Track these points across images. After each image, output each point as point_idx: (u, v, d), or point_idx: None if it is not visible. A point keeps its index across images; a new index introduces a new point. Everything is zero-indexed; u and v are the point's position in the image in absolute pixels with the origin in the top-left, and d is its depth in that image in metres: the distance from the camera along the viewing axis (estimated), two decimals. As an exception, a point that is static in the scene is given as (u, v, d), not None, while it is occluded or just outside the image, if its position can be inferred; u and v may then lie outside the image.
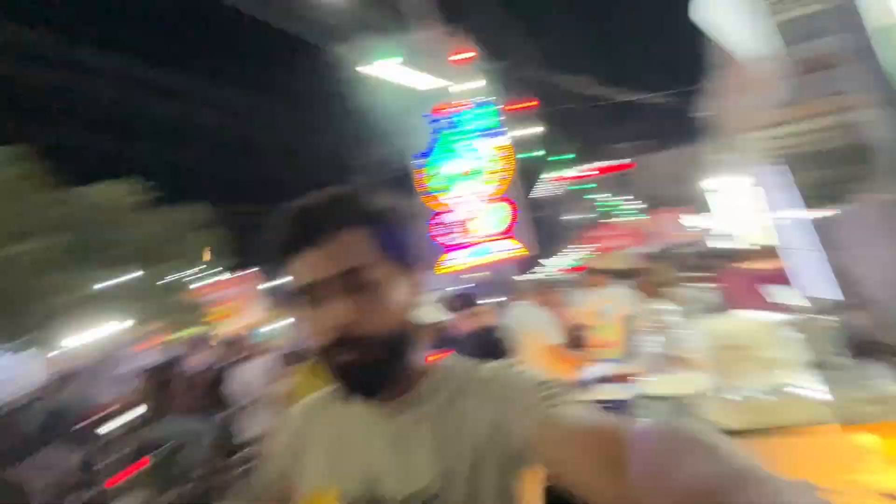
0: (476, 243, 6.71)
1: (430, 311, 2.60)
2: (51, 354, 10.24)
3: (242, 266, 17.06)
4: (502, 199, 6.73)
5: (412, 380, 0.65)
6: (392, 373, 0.62)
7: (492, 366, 0.66)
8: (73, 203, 13.18)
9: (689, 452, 0.42)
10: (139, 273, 13.42)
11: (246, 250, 16.17)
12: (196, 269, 15.69)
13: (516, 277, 3.63)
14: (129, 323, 12.71)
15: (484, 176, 6.73)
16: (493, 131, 6.89)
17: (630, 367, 2.45)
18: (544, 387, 0.59)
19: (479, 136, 6.89)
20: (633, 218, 21.80)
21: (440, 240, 6.99)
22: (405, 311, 0.64)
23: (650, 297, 2.97)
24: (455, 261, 6.92)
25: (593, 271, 3.87)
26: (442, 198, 7.03)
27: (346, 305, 0.58)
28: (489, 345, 2.54)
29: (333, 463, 0.65)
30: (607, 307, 3.23)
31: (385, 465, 0.62)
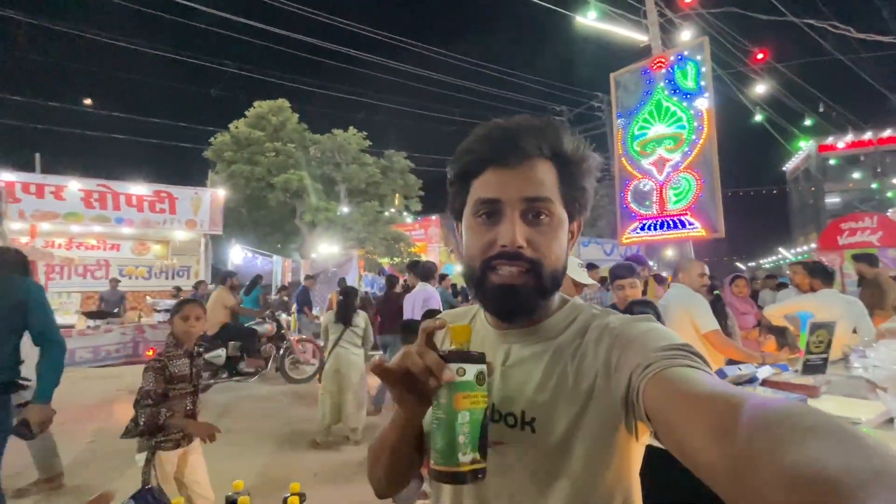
0: (664, 216, 6.10)
1: (578, 272, 2.63)
2: (302, 261, 13.02)
3: (427, 212, 21.00)
4: (689, 171, 5.87)
5: (544, 314, 0.68)
6: (535, 305, 0.65)
7: (624, 317, 0.65)
8: (325, 142, 18.14)
9: (816, 436, 0.34)
10: (364, 205, 17.84)
11: (428, 197, 20.06)
12: (396, 209, 20.13)
13: (691, 258, 3.31)
14: (351, 244, 16.44)
15: (679, 142, 5.98)
16: (695, 91, 5.92)
17: (799, 379, 2.29)
18: (675, 346, 0.55)
19: (683, 95, 6.03)
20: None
21: (632, 207, 6.48)
22: (564, 252, 0.66)
23: (875, 314, 2.60)
24: (642, 232, 6.38)
25: (804, 269, 3.53)
26: (642, 162, 6.41)
27: (523, 227, 0.62)
28: None
29: None
30: (805, 314, 2.96)
31: (500, 380, 0.66)
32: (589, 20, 8.16)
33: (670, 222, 5.98)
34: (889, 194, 27.22)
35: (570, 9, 8.56)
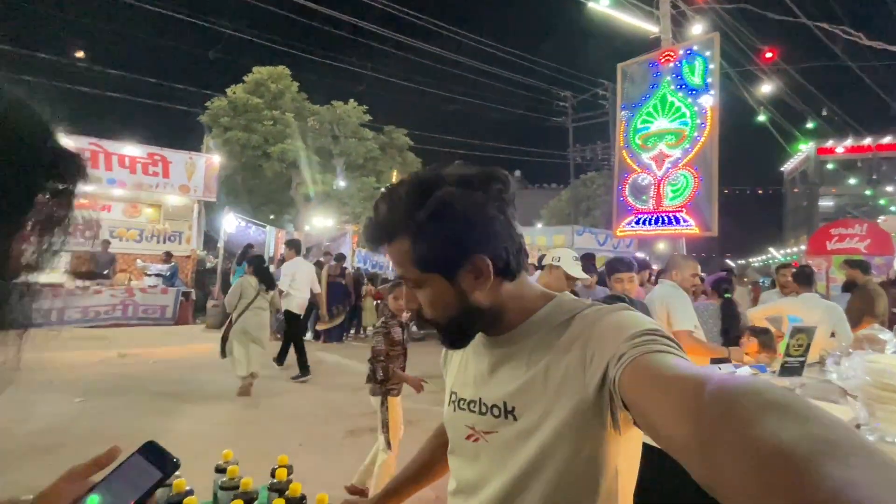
0: (659, 212, 6.14)
1: (571, 266, 2.69)
2: (296, 233, 12.93)
3: None
4: (688, 168, 5.89)
5: (517, 320, 0.74)
6: (469, 337, 0.76)
7: (600, 307, 0.69)
8: (324, 114, 17.68)
9: (775, 411, 0.35)
10: (361, 180, 17.61)
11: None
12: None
13: (681, 255, 3.42)
14: (346, 219, 16.18)
15: (681, 139, 5.97)
16: (701, 88, 5.87)
17: (775, 381, 2.40)
18: (644, 332, 0.57)
19: (688, 91, 5.98)
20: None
21: (629, 201, 6.51)
22: (454, 302, 0.71)
23: (857, 322, 2.64)
24: (636, 226, 6.44)
25: (789, 272, 3.65)
26: (642, 156, 6.39)
27: (409, 297, 0.75)
28: None
29: (461, 367, 0.84)
30: (792, 317, 2.99)
31: (487, 378, 0.76)
32: (601, 6, 8.02)
33: (665, 218, 6.03)
34: (882, 201, 27.53)
35: (583, -7, 8.41)
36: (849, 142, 29.79)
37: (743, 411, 0.37)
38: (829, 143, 30.87)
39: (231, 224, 11.46)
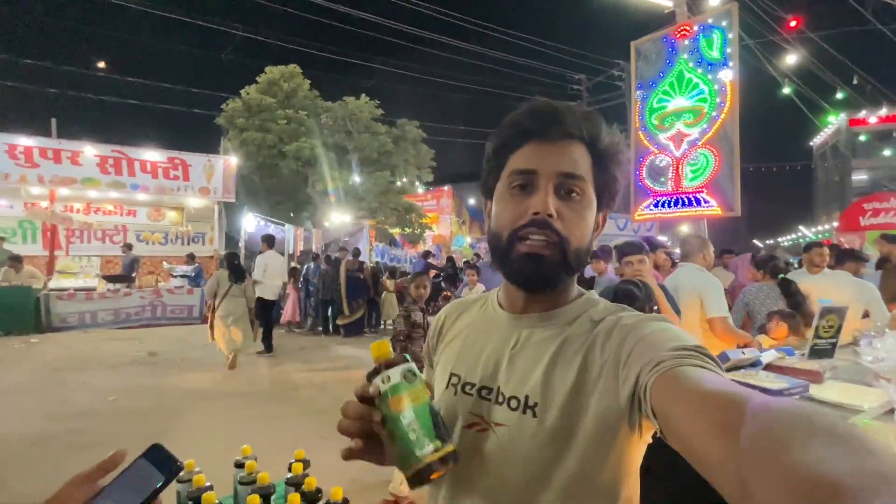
0: (679, 193, 5.96)
1: None
2: (314, 230, 13.04)
3: (438, 182, 21.02)
4: (708, 147, 5.66)
5: (561, 300, 0.70)
6: (558, 278, 0.66)
7: (637, 314, 0.65)
8: (337, 110, 17.81)
9: (821, 438, 0.33)
10: (376, 175, 17.68)
11: (440, 167, 19.82)
12: (407, 179, 19.75)
13: (693, 236, 3.25)
14: (363, 214, 16.43)
15: (699, 116, 5.74)
16: (720, 62, 5.61)
17: (804, 364, 2.23)
18: (686, 347, 0.54)
19: (706, 66, 5.73)
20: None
21: (647, 183, 6.33)
22: (590, 234, 0.68)
23: (894, 300, 2.54)
24: (655, 209, 6.25)
25: (823, 251, 3.45)
26: (659, 137, 6.19)
27: (555, 199, 0.64)
28: (618, 296, 2.17)
29: (467, 348, 0.75)
30: (821, 299, 2.86)
31: (505, 363, 0.68)
32: None
33: (685, 199, 5.86)
34: (920, 173, 26.18)
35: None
36: (883, 111, 28.26)
37: (789, 435, 0.35)
38: (862, 114, 29.36)
39: (251, 223, 11.67)
